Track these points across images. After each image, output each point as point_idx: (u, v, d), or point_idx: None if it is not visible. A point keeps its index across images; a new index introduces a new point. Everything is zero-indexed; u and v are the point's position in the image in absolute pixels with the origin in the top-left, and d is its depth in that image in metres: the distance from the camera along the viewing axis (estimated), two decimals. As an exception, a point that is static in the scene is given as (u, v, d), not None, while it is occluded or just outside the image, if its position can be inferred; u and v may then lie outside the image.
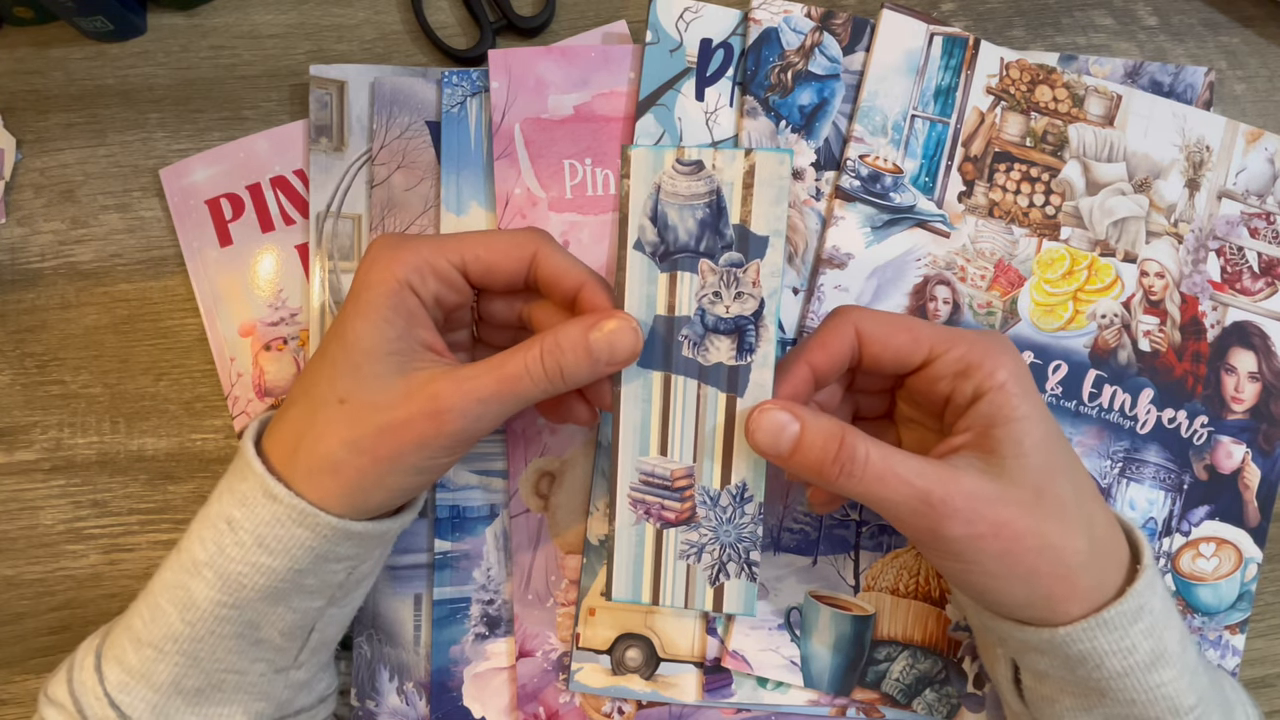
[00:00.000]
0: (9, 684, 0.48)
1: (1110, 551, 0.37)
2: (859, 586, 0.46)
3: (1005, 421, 0.36)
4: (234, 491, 0.37)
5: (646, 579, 0.41)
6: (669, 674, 0.46)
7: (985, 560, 0.36)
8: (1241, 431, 0.48)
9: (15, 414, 0.49)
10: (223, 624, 0.36)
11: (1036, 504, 0.36)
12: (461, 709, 0.46)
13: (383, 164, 0.49)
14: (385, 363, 0.36)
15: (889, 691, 0.45)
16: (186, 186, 0.50)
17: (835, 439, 0.36)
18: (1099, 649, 0.36)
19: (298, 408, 0.37)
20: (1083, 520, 0.37)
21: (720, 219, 0.37)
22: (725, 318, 0.38)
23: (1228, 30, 0.53)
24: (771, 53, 0.49)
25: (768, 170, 0.36)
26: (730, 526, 0.40)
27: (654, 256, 0.38)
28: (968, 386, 0.37)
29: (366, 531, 0.37)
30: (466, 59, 0.51)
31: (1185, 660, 0.37)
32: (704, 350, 0.38)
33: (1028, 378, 0.38)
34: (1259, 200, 0.49)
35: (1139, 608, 0.36)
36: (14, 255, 0.50)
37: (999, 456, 0.36)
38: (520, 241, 0.39)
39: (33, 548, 0.48)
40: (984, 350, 0.37)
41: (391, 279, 0.36)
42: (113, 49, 0.52)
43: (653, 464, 0.39)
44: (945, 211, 0.48)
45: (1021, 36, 0.53)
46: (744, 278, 0.37)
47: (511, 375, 0.36)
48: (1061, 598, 0.36)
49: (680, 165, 0.37)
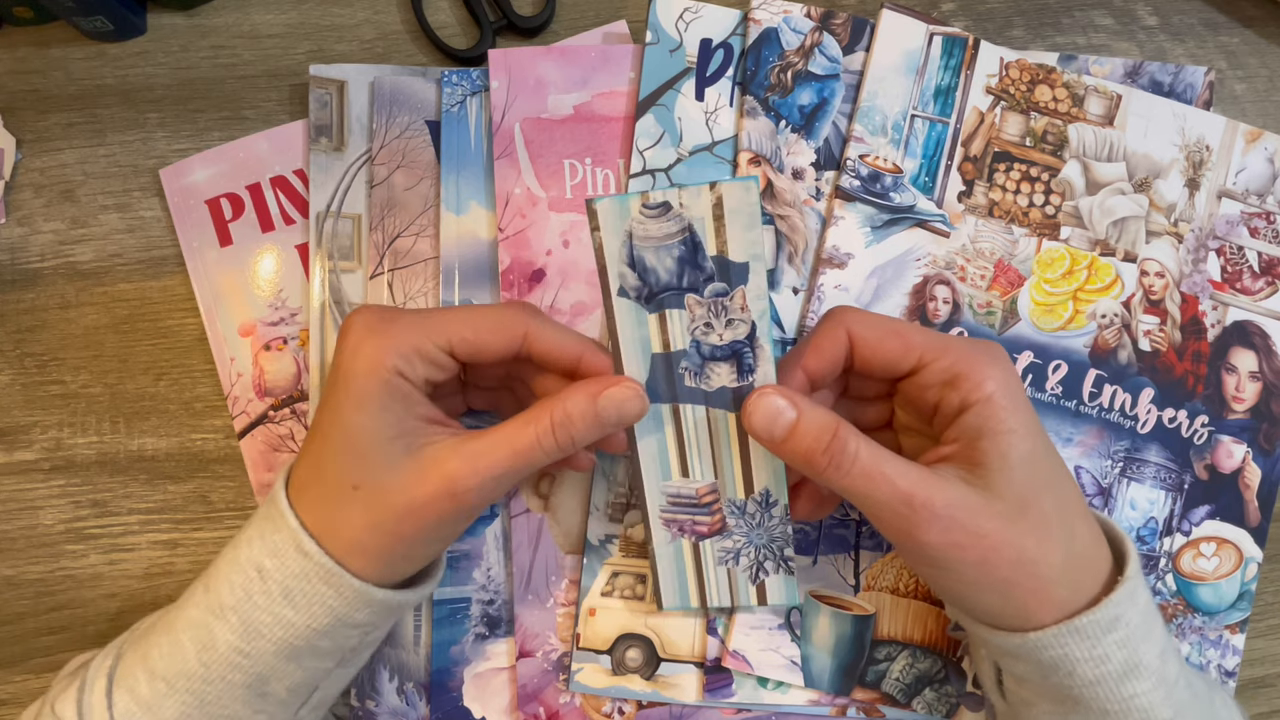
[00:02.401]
0: (9, 684, 0.48)
1: (1089, 564, 0.37)
2: (859, 586, 0.46)
3: (991, 434, 0.36)
4: (266, 540, 0.37)
5: (692, 587, 0.43)
6: (669, 674, 0.46)
7: (962, 569, 0.36)
8: (1242, 431, 0.48)
9: (15, 414, 0.49)
10: (235, 671, 0.37)
11: (1017, 517, 0.36)
12: (461, 709, 0.46)
13: (382, 164, 0.49)
14: (392, 447, 0.37)
15: (889, 691, 0.45)
16: (186, 186, 0.50)
17: (829, 430, 0.36)
18: (1070, 656, 0.36)
19: (313, 491, 0.37)
20: (1063, 534, 0.37)
21: (697, 254, 0.37)
22: (720, 345, 0.38)
23: (1228, 30, 0.53)
24: (771, 53, 0.49)
25: (735, 199, 0.36)
26: (761, 530, 0.42)
27: (640, 300, 0.37)
28: (955, 397, 0.37)
29: (387, 600, 0.38)
30: (466, 59, 0.52)
31: (1163, 673, 0.37)
32: (705, 378, 0.39)
33: (1017, 389, 0.37)
34: (1259, 200, 0.49)
35: (1114, 618, 0.36)
36: (14, 255, 0.50)
37: (984, 469, 0.36)
38: (507, 323, 0.39)
39: (33, 548, 0.48)
40: (972, 361, 0.37)
41: (382, 368, 0.37)
42: (113, 49, 0.52)
43: (677, 486, 0.41)
44: (945, 211, 0.48)
45: (1021, 36, 0.53)
46: (731, 305, 0.37)
47: (524, 449, 0.37)
48: (1035, 607, 0.36)
49: (647, 209, 0.36)
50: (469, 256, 0.48)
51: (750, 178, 0.36)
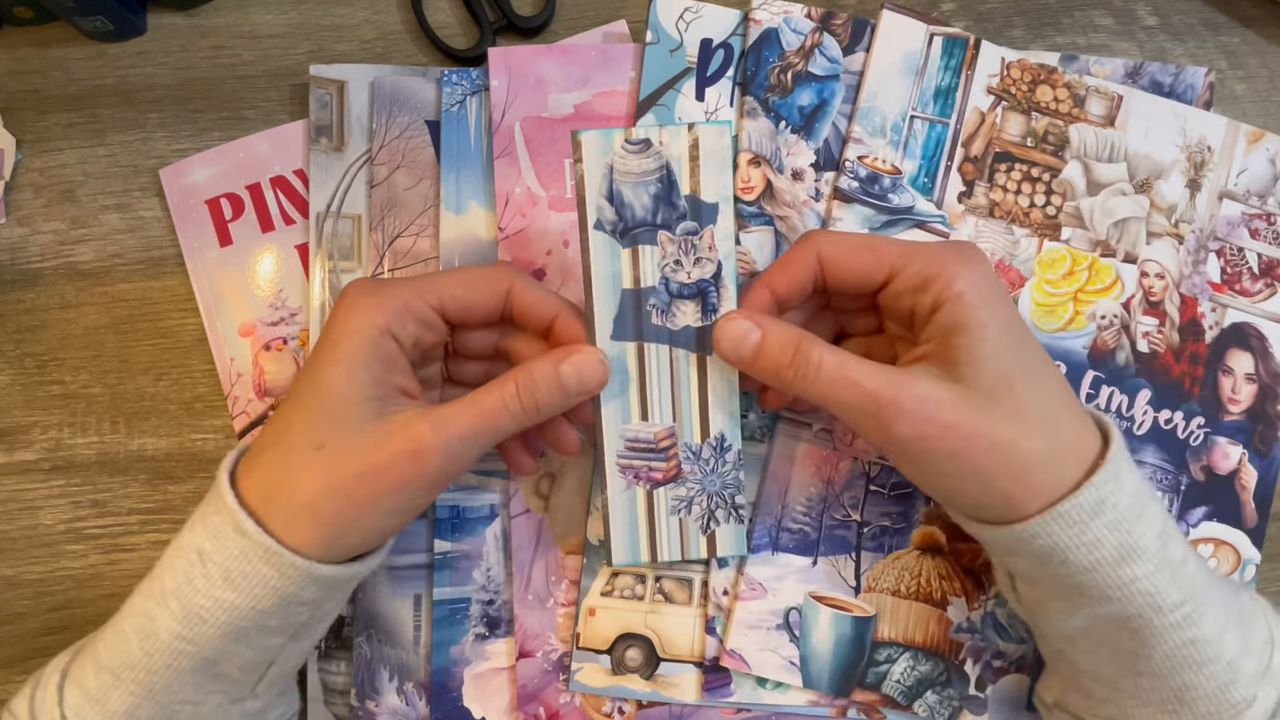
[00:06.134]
0: (9, 684, 0.48)
1: (1073, 449, 0.37)
2: (859, 588, 0.46)
3: (962, 329, 0.37)
4: (207, 523, 0.37)
5: (644, 540, 0.43)
6: (669, 674, 0.46)
7: (937, 461, 0.37)
8: (1238, 433, 0.48)
9: (15, 414, 0.49)
10: (180, 658, 0.36)
11: (989, 407, 0.36)
12: (461, 709, 0.46)
13: (382, 163, 0.49)
14: (363, 408, 0.37)
15: (889, 693, 0.45)
16: (186, 186, 0.50)
17: (791, 345, 0.38)
18: (1059, 544, 0.36)
19: (271, 453, 0.37)
20: (1043, 422, 0.36)
21: (672, 191, 0.39)
22: (688, 283, 0.40)
23: (1228, 30, 0.53)
24: (771, 53, 0.49)
25: (710, 142, 0.39)
26: (715, 476, 0.43)
27: (614, 234, 0.39)
28: (927, 299, 0.38)
29: (334, 576, 0.37)
30: (466, 59, 0.51)
31: (1165, 556, 0.36)
32: (671, 316, 0.41)
33: (990, 286, 0.38)
34: (1260, 201, 0.49)
35: (1099, 501, 0.35)
36: (14, 255, 0.50)
37: (955, 363, 0.37)
38: (495, 277, 0.40)
39: (33, 548, 0.48)
40: (942, 261, 0.38)
41: (372, 326, 0.37)
42: (113, 49, 0.52)
43: (636, 430, 0.42)
44: (945, 212, 0.48)
45: (1021, 36, 0.53)
46: (700, 244, 0.40)
47: (489, 411, 0.38)
48: (1019, 495, 0.36)
49: (629, 145, 0.39)
50: (469, 256, 0.48)
51: (725, 122, 0.40)
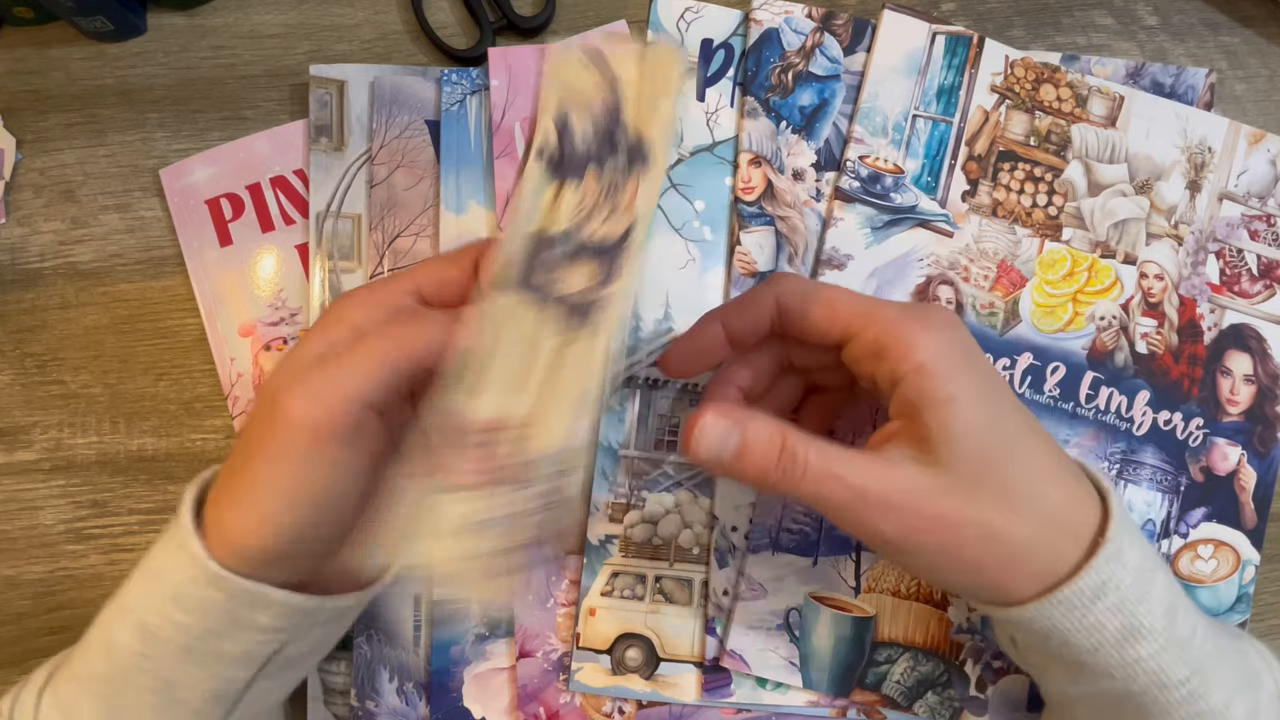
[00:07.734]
0: (9, 684, 0.47)
1: (1065, 528, 0.35)
2: (860, 588, 0.46)
3: (930, 406, 0.33)
4: (167, 540, 0.36)
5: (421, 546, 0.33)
6: (669, 674, 0.46)
7: (927, 554, 0.34)
8: (1236, 434, 0.48)
9: (15, 414, 0.49)
10: (140, 674, 0.35)
11: (974, 491, 0.33)
12: (461, 709, 0.46)
13: (382, 163, 0.49)
14: None
15: (889, 694, 0.45)
16: (186, 186, 0.50)
17: (776, 444, 0.34)
18: (1060, 627, 0.34)
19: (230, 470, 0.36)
20: (1031, 500, 0.34)
21: (615, 123, 0.36)
22: (592, 242, 0.35)
23: (1228, 30, 0.53)
24: (772, 53, 0.49)
25: (655, 65, 0.37)
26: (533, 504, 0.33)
27: (548, 165, 0.37)
28: (885, 369, 0.35)
29: (286, 602, 0.35)
30: (466, 59, 0.51)
31: (1172, 633, 0.34)
32: (557, 278, 0.35)
33: (958, 353, 0.34)
34: (1260, 202, 0.49)
35: (1100, 584, 0.33)
36: (14, 255, 0.50)
37: (929, 443, 0.34)
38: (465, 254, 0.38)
39: (33, 548, 0.48)
40: (898, 330, 0.34)
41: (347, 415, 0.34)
42: (113, 49, 0.52)
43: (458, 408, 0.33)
44: (948, 211, 0.48)
45: (1022, 36, 0.53)
46: (622, 195, 0.36)
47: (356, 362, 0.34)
48: (1012, 584, 0.34)
49: (584, 58, 0.37)
50: (469, 257, 0.48)
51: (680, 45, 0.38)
